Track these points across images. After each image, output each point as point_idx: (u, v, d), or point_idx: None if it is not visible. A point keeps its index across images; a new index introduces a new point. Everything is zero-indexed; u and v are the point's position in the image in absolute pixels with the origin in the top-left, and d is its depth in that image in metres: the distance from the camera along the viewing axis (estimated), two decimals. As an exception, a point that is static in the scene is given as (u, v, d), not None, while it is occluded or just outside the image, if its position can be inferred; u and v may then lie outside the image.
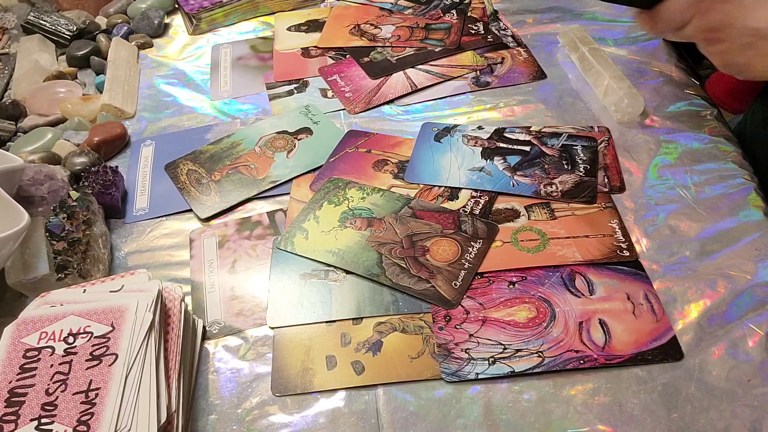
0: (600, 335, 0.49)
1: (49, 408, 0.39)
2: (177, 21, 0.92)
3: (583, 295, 0.52)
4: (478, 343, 0.49)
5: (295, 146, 0.69)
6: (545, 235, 0.56)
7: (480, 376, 0.47)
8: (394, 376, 0.48)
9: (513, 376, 0.47)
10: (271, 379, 0.49)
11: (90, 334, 0.43)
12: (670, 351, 0.48)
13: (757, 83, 0.68)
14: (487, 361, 0.48)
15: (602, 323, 0.50)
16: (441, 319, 0.51)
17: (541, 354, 0.48)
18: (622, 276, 0.53)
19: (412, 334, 0.50)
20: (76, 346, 0.43)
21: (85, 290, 0.48)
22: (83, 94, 0.79)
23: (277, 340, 0.51)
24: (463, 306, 0.52)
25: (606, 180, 0.61)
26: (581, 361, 0.47)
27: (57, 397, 0.40)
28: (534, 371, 0.47)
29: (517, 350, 0.48)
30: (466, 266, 0.54)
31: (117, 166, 0.66)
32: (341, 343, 0.50)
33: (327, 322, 0.52)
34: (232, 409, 0.47)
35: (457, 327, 0.50)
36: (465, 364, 0.48)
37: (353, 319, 0.52)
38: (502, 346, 0.49)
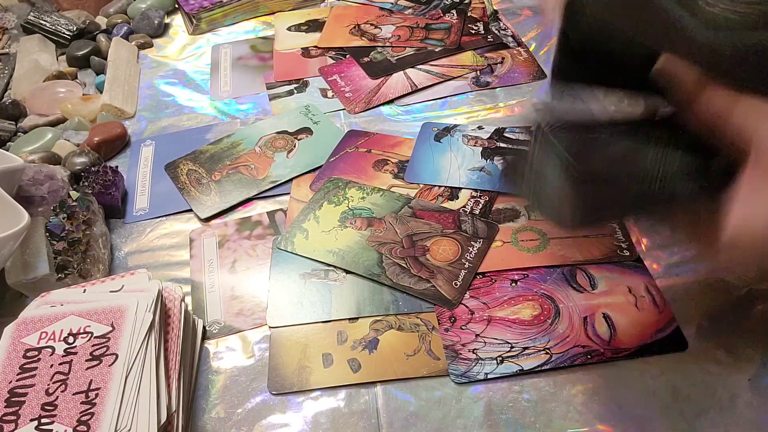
0: (605, 329, 0.49)
1: (49, 408, 0.39)
2: (177, 21, 0.92)
3: (585, 290, 0.52)
4: (485, 343, 0.49)
5: (295, 146, 0.69)
6: (545, 235, 0.56)
7: (489, 376, 0.47)
8: (390, 373, 0.48)
9: (522, 374, 0.47)
10: (268, 377, 0.49)
11: (90, 334, 0.43)
12: (674, 342, 0.48)
13: None
14: (495, 361, 0.48)
15: (606, 317, 0.50)
16: (446, 321, 0.51)
17: (548, 351, 0.48)
18: (622, 269, 0.53)
19: (408, 331, 0.50)
20: (76, 346, 0.43)
21: (85, 290, 0.48)
22: (83, 94, 0.78)
23: (273, 338, 0.51)
24: (467, 306, 0.52)
25: (606, 180, 0.61)
26: (589, 356, 0.47)
27: (57, 397, 0.40)
28: (542, 368, 0.47)
29: (525, 348, 0.48)
30: (466, 266, 0.54)
31: (117, 166, 0.66)
32: (338, 341, 0.50)
33: (326, 321, 0.52)
34: (232, 409, 0.47)
35: (463, 328, 0.50)
36: (473, 364, 0.48)
37: (350, 318, 0.52)
38: (509, 345, 0.49)
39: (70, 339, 0.43)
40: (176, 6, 0.94)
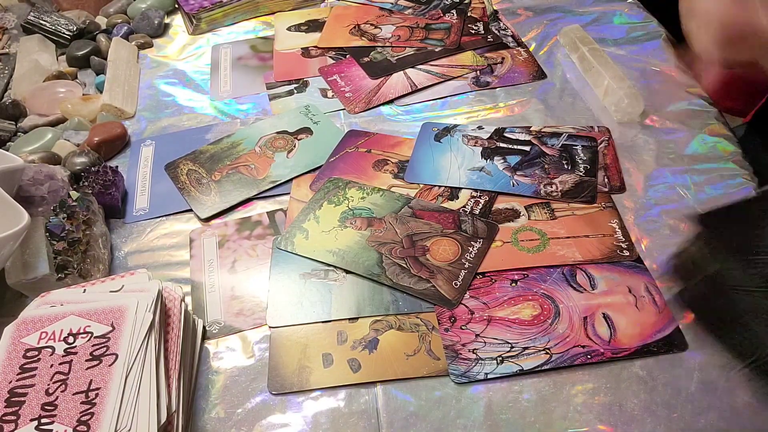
0: (605, 329, 0.49)
1: (49, 408, 0.39)
2: (177, 21, 0.92)
3: (585, 290, 0.52)
4: (485, 342, 0.49)
5: (295, 146, 0.69)
6: (545, 235, 0.56)
7: (489, 376, 0.47)
8: (390, 373, 0.48)
9: (522, 374, 0.47)
10: (268, 377, 0.49)
11: (90, 334, 0.43)
12: (674, 342, 0.48)
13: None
14: (495, 361, 0.48)
15: (606, 317, 0.50)
16: (446, 321, 0.51)
17: (548, 351, 0.48)
18: (621, 270, 0.53)
19: (408, 331, 0.50)
20: (76, 346, 0.43)
21: (85, 290, 0.48)
22: (83, 94, 0.78)
23: (273, 339, 0.51)
24: (467, 306, 0.52)
25: (606, 180, 0.61)
26: (588, 356, 0.47)
27: (57, 397, 0.40)
28: (542, 368, 0.47)
29: (525, 348, 0.48)
30: (466, 266, 0.54)
31: (117, 166, 0.66)
32: (338, 341, 0.50)
33: (326, 321, 0.52)
34: (232, 409, 0.47)
35: (463, 328, 0.50)
36: (473, 364, 0.48)
37: (350, 318, 0.52)
38: (509, 345, 0.49)
39: (70, 339, 0.43)
40: (176, 6, 0.94)
